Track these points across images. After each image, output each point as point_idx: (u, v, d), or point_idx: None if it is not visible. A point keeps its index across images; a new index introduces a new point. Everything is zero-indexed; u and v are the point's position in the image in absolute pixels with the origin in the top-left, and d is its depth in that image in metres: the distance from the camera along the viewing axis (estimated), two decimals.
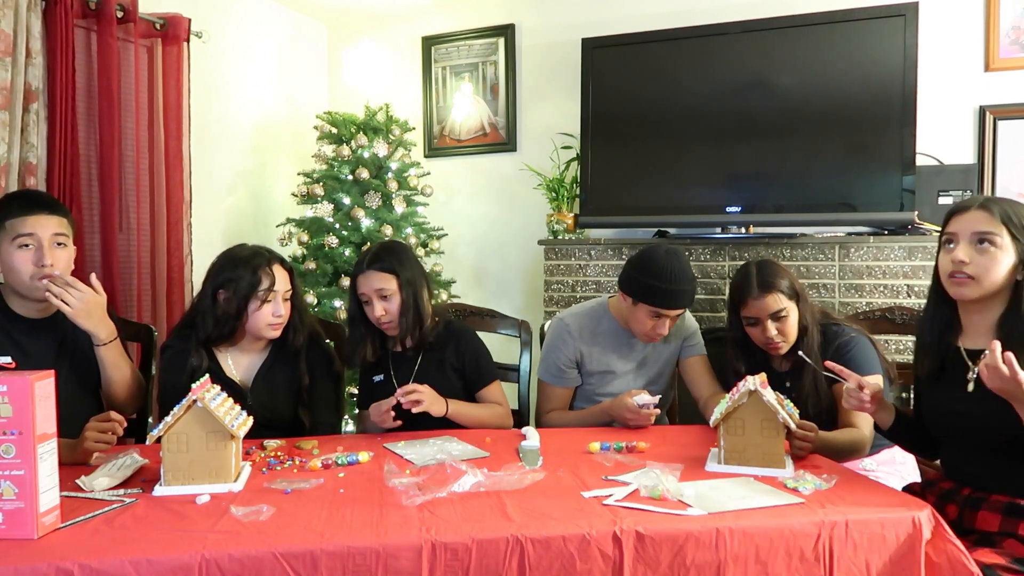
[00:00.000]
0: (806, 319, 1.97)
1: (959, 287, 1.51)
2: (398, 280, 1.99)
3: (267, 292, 1.89)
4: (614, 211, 3.32)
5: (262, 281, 1.88)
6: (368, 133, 3.54)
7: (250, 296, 1.88)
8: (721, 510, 1.32)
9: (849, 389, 1.64)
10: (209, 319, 1.90)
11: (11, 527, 1.21)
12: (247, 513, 1.30)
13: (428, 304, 2.07)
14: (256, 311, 1.90)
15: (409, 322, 2.01)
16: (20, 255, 1.76)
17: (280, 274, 1.94)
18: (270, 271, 1.91)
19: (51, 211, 1.80)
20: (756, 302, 1.94)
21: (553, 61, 3.78)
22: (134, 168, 3.02)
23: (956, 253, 1.50)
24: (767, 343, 1.97)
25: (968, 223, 1.51)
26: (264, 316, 1.90)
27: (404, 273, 2.01)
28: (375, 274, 1.99)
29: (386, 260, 2.01)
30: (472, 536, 1.22)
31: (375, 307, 1.99)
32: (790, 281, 1.97)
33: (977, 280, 1.48)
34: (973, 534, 1.47)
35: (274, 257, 1.96)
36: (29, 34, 2.58)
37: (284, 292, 1.94)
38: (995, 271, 1.48)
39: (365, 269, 2.01)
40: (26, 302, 1.82)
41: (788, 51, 3.04)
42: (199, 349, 1.91)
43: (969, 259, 1.48)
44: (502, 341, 2.62)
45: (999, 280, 1.48)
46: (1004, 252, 1.48)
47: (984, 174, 3.03)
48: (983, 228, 1.49)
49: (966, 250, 1.49)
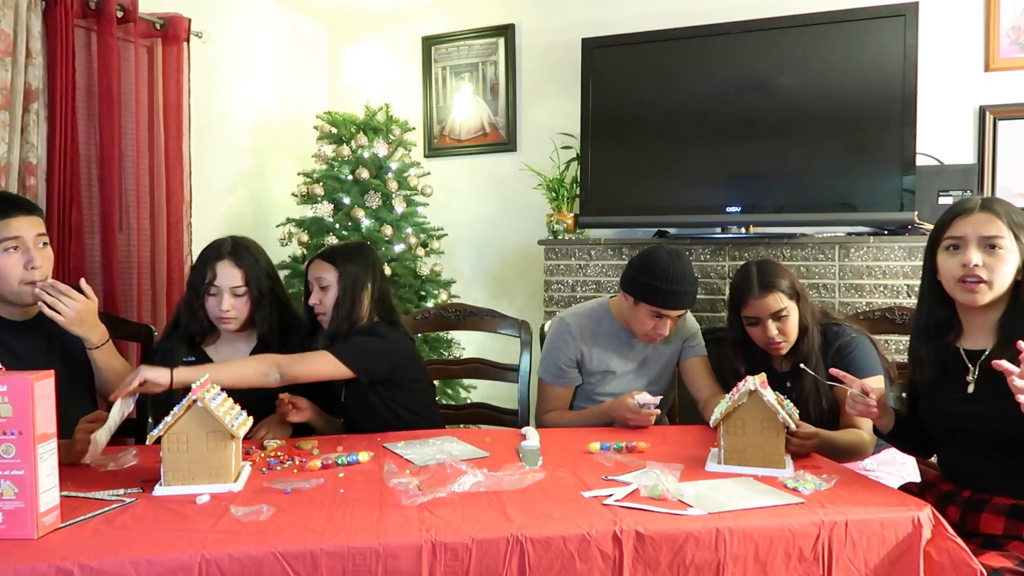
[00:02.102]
0: (806, 319, 1.97)
1: (971, 292, 1.49)
2: (337, 273, 2.01)
3: (208, 286, 1.93)
4: (614, 211, 3.32)
5: (206, 276, 1.94)
6: (368, 133, 3.54)
7: (199, 290, 1.95)
8: (721, 510, 1.32)
9: (854, 395, 1.63)
10: (188, 314, 1.97)
11: (11, 527, 1.21)
12: (247, 513, 1.30)
13: (365, 307, 2.03)
14: (206, 304, 1.95)
15: (340, 317, 2.00)
16: (7, 259, 1.75)
17: (226, 271, 1.94)
18: (214, 267, 1.94)
19: (29, 212, 1.80)
20: (757, 302, 1.94)
21: (553, 61, 3.78)
22: (134, 168, 3.02)
23: (968, 257, 1.48)
24: (767, 343, 1.97)
25: (974, 226, 1.49)
26: (211, 310, 1.95)
27: (346, 268, 2.01)
28: (319, 263, 2.05)
29: (336, 254, 2.05)
30: (472, 536, 1.22)
31: (313, 295, 2.05)
32: (791, 281, 1.97)
33: (990, 284, 1.48)
34: (977, 537, 1.46)
35: (225, 253, 1.96)
36: (29, 34, 2.58)
37: (232, 288, 1.94)
38: (1004, 273, 1.48)
39: (315, 258, 2.08)
40: (9, 305, 1.81)
41: (788, 51, 3.04)
42: (184, 344, 1.96)
43: (982, 263, 1.47)
44: (502, 341, 2.62)
45: (1008, 282, 1.48)
46: (1010, 254, 1.48)
47: (984, 174, 3.03)
48: (990, 231, 1.48)
49: (977, 253, 1.48)
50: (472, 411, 2.53)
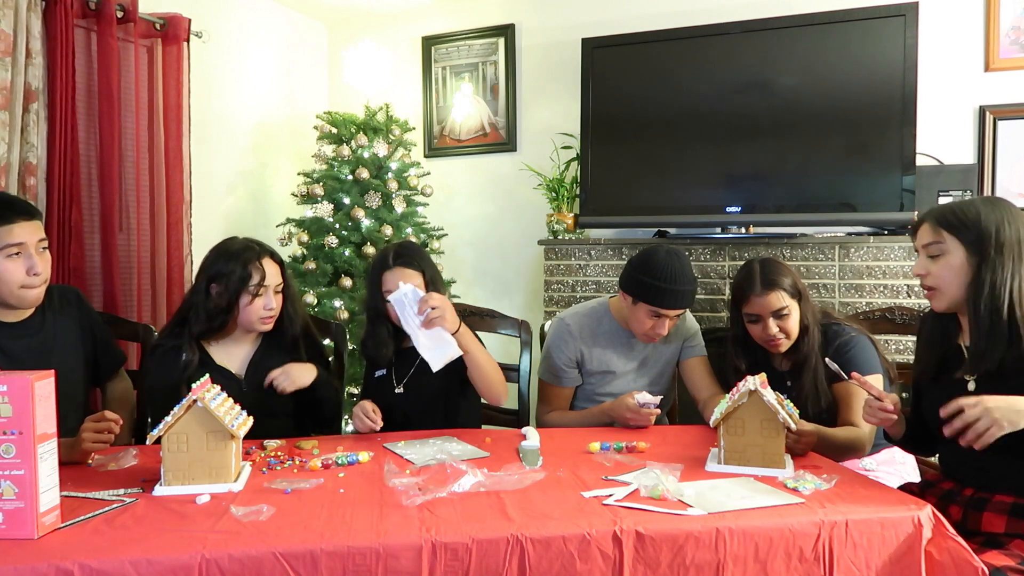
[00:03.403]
0: (807, 318, 1.97)
1: (929, 300, 1.59)
2: (424, 277, 1.99)
3: (257, 287, 1.90)
4: (614, 211, 3.32)
5: (252, 275, 1.89)
6: (368, 133, 3.54)
7: (240, 290, 1.89)
8: (721, 510, 1.32)
9: (870, 402, 1.62)
10: (202, 313, 1.90)
11: (11, 527, 1.21)
12: (247, 513, 1.30)
13: None
14: (247, 305, 1.90)
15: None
16: (9, 264, 1.74)
17: (271, 268, 1.94)
18: (260, 265, 1.91)
19: (30, 216, 1.79)
20: (759, 299, 1.95)
21: (553, 61, 3.78)
22: (134, 168, 3.02)
23: (915, 267, 1.60)
24: (768, 340, 1.97)
25: (918, 239, 1.58)
26: (255, 310, 1.91)
27: (429, 271, 2.02)
28: (403, 270, 1.98)
29: (413, 257, 2.01)
30: (472, 536, 1.22)
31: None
32: (793, 280, 1.97)
33: (939, 289, 1.54)
34: (979, 536, 1.46)
35: (264, 250, 1.96)
36: (29, 34, 2.58)
37: (275, 286, 1.94)
38: (948, 277, 1.53)
39: (392, 265, 1.99)
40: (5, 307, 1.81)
41: (788, 51, 3.04)
42: (191, 343, 1.90)
43: (925, 271, 1.55)
44: (502, 341, 2.62)
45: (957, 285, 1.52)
46: (951, 255, 1.52)
47: (984, 174, 3.03)
48: (927, 239, 1.55)
49: (922, 263, 1.56)
50: None
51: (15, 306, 1.80)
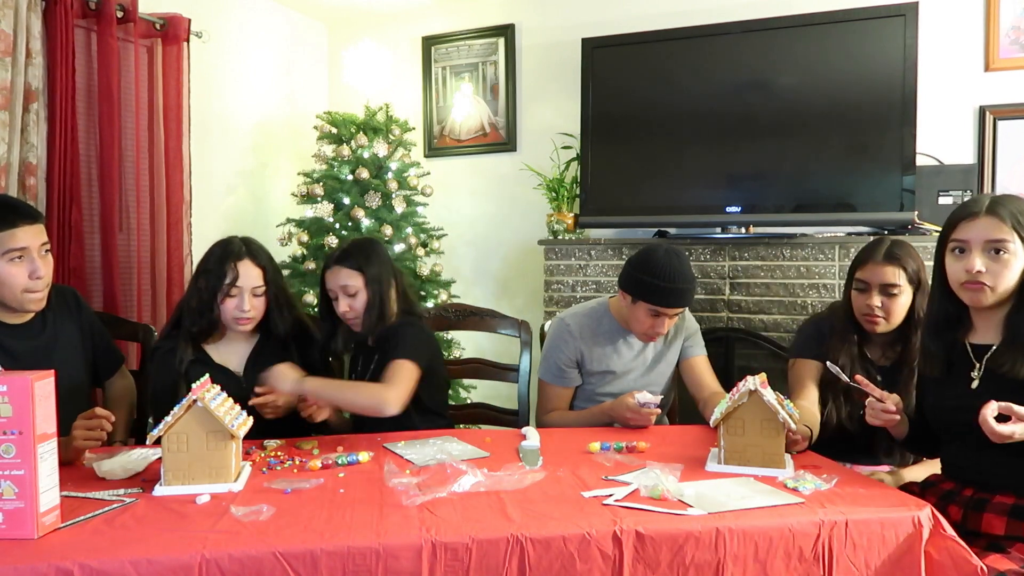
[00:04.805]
0: (918, 314, 1.87)
1: (975, 294, 1.51)
2: (364, 277, 2.00)
3: (230, 287, 1.90)
4: (614, 211, 3.32)
5: (226, 276, 1.89)
6: (368, 133, 3.54)
7: (216, 290, 1.90)
8: (721, 510, 1.32)
9: (872, 403, 1.61)
10: (191, 312, 1.92)
11: (11, 527, 1.21)
12: (247, 513, 1.30)
13: (394, 302, 2.05)
14: (223, 304, 1.91)
15: (373, 319, 2.00)
16: (12, 268, 1.74)
17: (249, 270, 1.92)
18: (235, 267, 1.90)
19: (33, 220, 1.78)
20: (875, 267, 1.88)
21: (553, 61, 3.78)
22: (134, 168, 3.02)
23: (971, 262, 1.49)
24: (866, 314, 1.90)
25: (979, 231, 1.49)
26: (228, 310, 1.91)
27: (370, 271, 2.01)
28: (341, 271, 2.00)
29: (353, 257, 2.01)
30: (472, 536, 1.22)
31: (340, 303, 2.01)
32: (917, 267, 1.90)
33: (993, 288, 1.49)
34: (979, 537, 1.46)
35: (244, 252, 1.94)
36: (29, 34, 2.58)
37: (253, 288, 1.92)
38: (1009, 277, 1.49)
39: (332, 265, 2.03)
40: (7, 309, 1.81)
41: (788, 51, 3.04)
42: (186, 342, 1.92)
43: (985, 268, 1.48)
44: (502, 341, 2.62)
45: (1012, 284, 1.49)
46: (1015, 257, 1.48)
47: (984, 174, 3.03)
48: (995, 236, 1.48)
49: (981, 259, 1.48)
50: (472, 411, 2.53)
51: (17, 308, 1.80)
